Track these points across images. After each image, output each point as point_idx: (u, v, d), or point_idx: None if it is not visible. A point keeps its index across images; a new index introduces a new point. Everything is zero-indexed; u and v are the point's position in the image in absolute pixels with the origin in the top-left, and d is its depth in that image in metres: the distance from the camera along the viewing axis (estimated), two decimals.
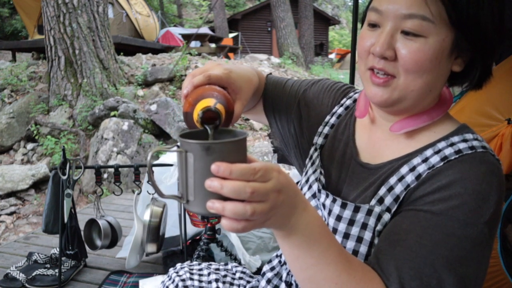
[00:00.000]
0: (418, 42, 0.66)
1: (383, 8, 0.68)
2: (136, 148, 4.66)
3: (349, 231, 0.73)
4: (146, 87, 6.25)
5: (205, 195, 0.53)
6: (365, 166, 0.79)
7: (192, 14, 23.29)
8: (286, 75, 8.58)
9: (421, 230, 0.64)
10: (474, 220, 0.63)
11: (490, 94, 1.76)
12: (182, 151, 0.54)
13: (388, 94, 0.70)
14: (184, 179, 0.55)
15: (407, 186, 0.69)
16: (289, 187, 0.56)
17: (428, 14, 0.64)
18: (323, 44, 19.69)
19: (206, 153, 0.52)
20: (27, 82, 6.00)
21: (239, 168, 0.51)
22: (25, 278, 1.86)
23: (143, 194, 2.06)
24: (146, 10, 10.61)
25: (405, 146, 0.75)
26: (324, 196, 0.80)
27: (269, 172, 0.53)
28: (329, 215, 0.77)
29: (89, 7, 5.62)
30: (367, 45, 0.70)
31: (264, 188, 0.52)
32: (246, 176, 0.51)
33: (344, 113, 0.90)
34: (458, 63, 0.69)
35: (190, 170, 0.54)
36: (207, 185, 0.52)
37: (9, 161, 5.06)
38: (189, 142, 0.53)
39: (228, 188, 0.50)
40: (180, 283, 0.95)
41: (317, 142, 0.89)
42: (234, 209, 0.51)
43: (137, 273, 2.00)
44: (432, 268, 0.62)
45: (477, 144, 0.68)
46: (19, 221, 3.99)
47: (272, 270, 0.92)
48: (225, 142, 0.53)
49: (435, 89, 0.71)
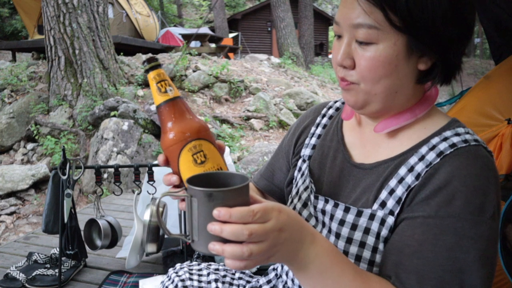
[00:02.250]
0: (370, 49, 0.67)
1: (338, 20, 0.71)
2: (136, 148, 4.66)
3: (352, 236, 0.73)
4: (146, 87, 6.25)
5: (208, 237, 0.57)
6: (360, 167, 0.79)
7: (192, 14, 23.29)
8: (286, 75, 8.58)
9: (433, 237, 0.64)
10: (481, 218, 0.63)
11: (490, 94, 1.76)
12: (188, 196, 0.59)
13: (354, 97, 0.73)
14: (190, 221, 0.60)
15: (408, 187, 0.69)
16: (292, 224, 0.59)
17: (372, 22, 0.65)
18: (323, 44, 19.70)
19: (209, 199, 0.57)
20: (27, 82, 6.00)
21: (238, 211, 0.55)
22: (25, 278, 1.86)
23: (143, 194, 2.06)
24: (146, 10, 10.61)
25: (397, 144, 0.75)
26: (323, 202, 0.80)
27: (268, 213, 0.57)
28: (331, 220, 0.77)
29: (89, 7, 5.61)
30: (335, 55, 0.73)
31: (262, 229, 0.55)
32: (245, 218, 0.55)
33: (329, 122, 0.92)
34: (424, 61, 0.69)
35: (195, 213, 0.59)
36: (208, 228, 0.56)
37: (9, 161, 5.06)
38: (194, 189, 0.58)
39: (227, 231, 0.55)
40: (179, 283, 0.95)
41: (305, 154, 0.90)
42: (232, 251, 0.55)
43: (137, 273, 2.00)
44: (452, 274, 0.62)
45: (470, 138, 0.69)
46: (19, 221, 3.99)
47: (269, 283, 0.94)
48: (226, 190, 0.58)
49: (402, 89, 0.71)
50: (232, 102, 6.51)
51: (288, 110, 6.31)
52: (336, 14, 0.73)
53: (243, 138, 5.51)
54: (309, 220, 0.83)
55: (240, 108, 6.29)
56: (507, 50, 2.00)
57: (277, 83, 7.36)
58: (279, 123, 6.03)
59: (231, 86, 6.65)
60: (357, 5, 0.66)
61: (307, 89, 7.44)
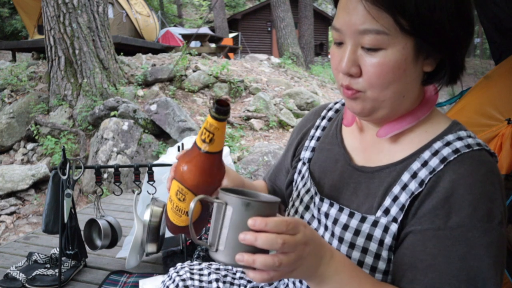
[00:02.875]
0: (378, 55, 0.66)
1: (340, 27, 0.68)
2: (136, 148, 4.66)
3: (354, 241, 0.73)
4: (146, 87, 6.25)
5: (235, 247, 0.58)
6: (361, 170, 0.78)
7: (192, 14, 23.29)
8: (286, 75, 8.58)
9: (445, 249, 0.64)
10: (490, 225, 0.63)
11: (490, 94, 1.76)
12: (222, 203, 0.60)
13: (360, 105, 0.71)
14: (218, 229, 0.60)
15: (411, 194, 0.69)
16: (315, 240, 0.61)
17: (380, 27, 0.64)
18: (323, 44, 19.69)
19: (245, 208, 0.58)
20: (27, 82, 6.00)
21: (273, 220, 0.56)
22: (25, 278, 1.86)
23: (143, 194, 2.06)
24: (146, 10, 10.61)
25: (398, 149, 0.75)
26: (328, 206, 0.80)
27: (298, 226, 0.58)
28: (334, 224, 0.77)
29: (89, 7, 5.61)
30: (336, 63, 0.71)
31: (293, 240, 0.57)
32: (279, 227, 0.56)
33: (328, 124, 0.91)
34: (429, 63, 0.69)
35: (227, 221, 0.59)
36: (241, 238, 0.57)
37: (9, 161, 5.06)
38: (230, 196, 0.59)
39: (262, 239, 0.56)
40: (180, 283, 0.95)
41: (305, 156, 0.90)
42: (264, 261, 0.56)
43: (137, 273, 2.00)
44: (467, 283, 0.62)
45: (472, 142, 0.69)
46: (19, 221, 3.99)
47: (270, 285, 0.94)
48: (262, 202, 0.59)
49: (409, 93, 0.71)
50: (232, 102, 6.51)
51: (288, 110, 6.31)
52: (334, 20, 0.70)
53: (243, 138, 5.51)
54: (311, 222, 0.83)
55: (240, 108, 6.29)
56: (507, 50, 2.00)
57: (277, 83, 7.36)
58: (279, 123, 6.03)
59: (231, 86, 6.65)
60: (362, 10, 0.64)
61: (307, 89, 7.43)
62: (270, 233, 0.56)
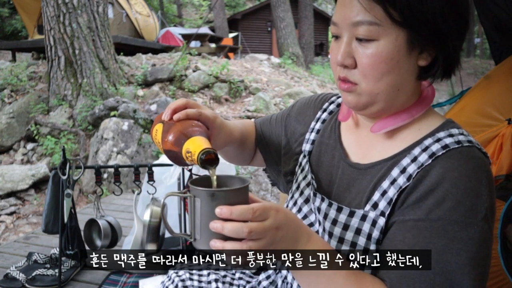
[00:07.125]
0: (371, 46, 0.67)
1: (337, 20, 0.71)
2: (136, 148, 4.66)
3: (343, 236, 0.73)
4: (146, 87, 6.25)
5: (209, 235, 0.61)
6: (354, 167, 0.79)
7: (192, 14, 23.29)
8: (286, 75, 8.58)
9: (424, 241, 0.64)
10: (472, 220, 0.63)
11: (490, 94, 1.76)
12: (191, 196, 0.63)
13: (356, 99, 0.72)
14: (192, 220, 0.63)
15: (399, 188, 0.69)
16: (289, 223, 0.62)
17: (372, 18, 0.66)
18: (323, 44, 19.69)
19: (211, 199, 0.60)
20: (27, 82, 6.00)
21: (239, 209, 0.58)
22: (25, 278, 1.85)
23: (143, 194, 2.06)
24: (146, 10, 10.60)
25: (391, 146, 0.75)
26: (319, 200, 0.80)
27: (266, 211, 0.59)
28: (325, 219, 0.77)
29: (89, 7, 5.61)
30: (334, 56, 0.73)
31: (261, 227, 0.58)
32: (245, 215, 0.58)
33: (328, 118, 0.92)
34: (424, 57, 0.70)
35: (197, 212, 0.62)
36: (211, 226, 0.60)
37: (9, 161, 5.06)
38: (197, 189, 0.62)
39: (228, 228, 0.58)
40: (179, 283, 0.95)
41: (305, 149, 0.91)
42: (233, 247, 0.58)
43: (137, 273, 2.00)
44: (443, 277, 0.62)
45: (463, 139, 0.69)
46: (19, 221, 3.99)
47: (268, 278, 0.94)
48: (227, 190, 0.62)
49: (403, 86, 0.71)
50: (232, 102, 6.51)
51: None
52: (333, 15, 0.73)
53: None
54: (309, 215, 0.83)
55: (240, 108, 6.28)
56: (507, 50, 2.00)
57: (277, 83, 7.36)
58: None
59: (231, 86, 6.65)
60: (356, 3, 0.67)
61: (307, 89, 7.43)
62: (236, 221, 0.58)
